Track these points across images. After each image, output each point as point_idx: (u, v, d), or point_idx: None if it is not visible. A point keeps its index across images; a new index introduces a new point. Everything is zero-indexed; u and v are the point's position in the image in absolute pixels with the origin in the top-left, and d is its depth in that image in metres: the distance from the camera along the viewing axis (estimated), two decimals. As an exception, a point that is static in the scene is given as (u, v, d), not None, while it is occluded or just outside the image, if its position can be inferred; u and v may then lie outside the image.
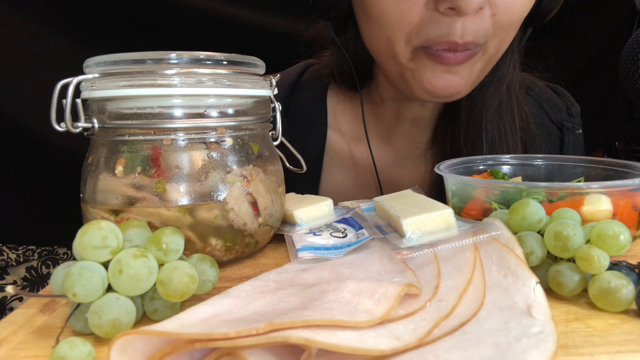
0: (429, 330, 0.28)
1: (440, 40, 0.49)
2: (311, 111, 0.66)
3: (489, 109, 0.60)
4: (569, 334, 0.30)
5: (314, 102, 0.66)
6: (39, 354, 0.30)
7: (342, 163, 0.65)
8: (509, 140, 0.61)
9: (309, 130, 0.65)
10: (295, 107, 0.66)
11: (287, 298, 0.32)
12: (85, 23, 1.01)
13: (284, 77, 0.68)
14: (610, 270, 0.34)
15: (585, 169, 0.55)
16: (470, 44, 0.50)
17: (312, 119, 0.65)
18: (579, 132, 0.67)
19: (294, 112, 0.66)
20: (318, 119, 0.65)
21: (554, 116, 0.67)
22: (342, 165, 0.65)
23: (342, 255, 0.42)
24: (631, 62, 0.56)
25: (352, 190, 0.66)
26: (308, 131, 0.65)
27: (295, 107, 0.66)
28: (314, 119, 0.65)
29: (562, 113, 0.67)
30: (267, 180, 0.46)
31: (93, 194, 0.42)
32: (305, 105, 0.66)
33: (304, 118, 0.65)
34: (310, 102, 0.66)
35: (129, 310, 0.31)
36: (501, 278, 0.34)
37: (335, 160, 0.65)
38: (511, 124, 0.61)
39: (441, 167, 0.53)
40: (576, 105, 0.69)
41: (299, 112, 0.66)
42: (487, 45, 0.52)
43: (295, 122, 0.65)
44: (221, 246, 0.43)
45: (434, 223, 0.41)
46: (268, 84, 0.48)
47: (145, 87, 0.40)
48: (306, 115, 0.65)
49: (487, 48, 0.52)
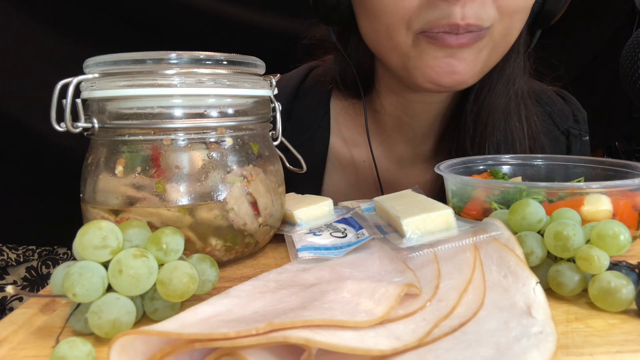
0: (429, 330, 0.28)
1: (441, 22, 0.48)
2: (314, 117, 0.65)
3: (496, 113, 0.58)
4: (569, 334, 0.30)
5: (317, 108, 0.66)
6: (39, 354, 0.30)
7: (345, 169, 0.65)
8: (517, 148, 0.59)
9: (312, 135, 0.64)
10: (299, 111, 0.66)
11: (287, 298, 0.32)
12: (85, 23, 1.00)
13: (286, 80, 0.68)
14: (610, 270, 0.34)
15: (585, 169, 0.55)
16: (473, 26, 0.48)
17: (316, 124, 0.65)
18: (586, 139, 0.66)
19: (297, 117, 0.65)
20: (321, 125, 0.65)
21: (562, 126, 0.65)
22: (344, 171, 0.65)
23: (342, 255, 0.42)
24: (631, 62, 0.56)
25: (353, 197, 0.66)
26: (311, 136, 0.64)
27: (298, 112, 0.66)
28: (317, 125, 0.65)
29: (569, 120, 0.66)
30: (267, 180, 0.46)
31: (93, 194, 0.42)
32: (308, 110, 0.66)
33: (307, 123, 0.65)
34: (314, 108, 0.66)
35: (129, 310, 0.31)
36: (501, 278, 0.34)
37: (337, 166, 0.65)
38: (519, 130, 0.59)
39: (441, 167, 0.53)
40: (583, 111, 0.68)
41: (302, 117, 0.65)
42: (492, 30, 0.50)
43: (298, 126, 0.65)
44: (221, 246, 0.43)
45: (434, 223, 0.41)
46: (268, 84, 0.48)
47: (145, 87, 0.40)
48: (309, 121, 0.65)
49: (492, 33, 0.50)
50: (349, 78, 0.62)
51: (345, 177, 0.65)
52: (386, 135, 0.65)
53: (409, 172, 0.66)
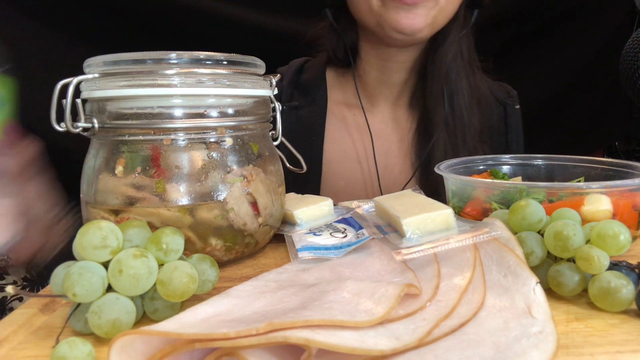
0: (429, 330, 0.28)
1: None
2: (315, 84, 0.86)
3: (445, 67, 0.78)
4: (569, 334, 0.30)
5: (316, 77, 0.87)
6: (39, 354, 0.30)
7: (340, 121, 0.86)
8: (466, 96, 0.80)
9: (314, 97, 0.85)
10: (302, 81, 0.87)
11: (287, 298, 0.32)
12: (85, 23, 1.01)
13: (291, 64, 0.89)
14: (610, 270, 0.34)
15: (585, 169, 0.55)
16: None
17: (316, 89, 0.86)
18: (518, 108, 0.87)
19: (301, 86, 0.87)
20: (320, 89, 0.86)
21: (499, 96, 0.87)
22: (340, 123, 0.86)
23: (342, 255, 0.42)
24: (631, 62, 0.56)
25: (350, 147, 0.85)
26: (314, 98, 0.85)
27: (302, 82, 0.87)
28: (317, 90, 0.86)
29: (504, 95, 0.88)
30: (267, 180, 0.46)
31: (93, 194, 0.42)
32: (309, 80, 0.87)
33: (309, 89, 0.86)
34: (314, 77, 0.87)
35: (129, 310, 0.31)
36: (501, 278, 0.34)
37: (333, 121, 0.85)
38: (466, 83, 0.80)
39: (441, 167, 0.53)
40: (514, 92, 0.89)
41: (305, 85, 0.87)
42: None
43: (303, 91, 0.86)
44: (221, 246, 0.43)
45: (434, 223, 0.41)
46: (268, 84, 0.48)
47: (145, 87, 0.40)
48: (311, 87, 0.86)
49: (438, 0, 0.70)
50: (340, 50, 0.82)
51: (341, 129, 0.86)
52: (369, 93, 0.85)
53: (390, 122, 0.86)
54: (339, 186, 0.84)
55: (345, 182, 0.84)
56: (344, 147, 0.85)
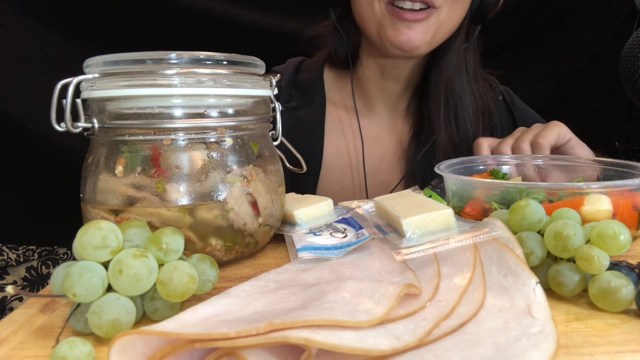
0: (429, 330, 0.28)
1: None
2: (313, 84, 0.85)
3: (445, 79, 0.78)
4: (569, 334, 0.30)
5: (314, 78, 0.86)
6: (39, 354, 0.30)
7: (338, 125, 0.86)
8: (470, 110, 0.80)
9: (312, 97, 0.84)
10: (300, 81, 0.86)
11: (287, 298, 0.32)
12: (85, 23, 1.01)
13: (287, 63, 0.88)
14: (610, 270, 0.34)
15: (585, 169, 0.55)
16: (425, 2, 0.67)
17: (314, 90, 0.85)
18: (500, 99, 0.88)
19: (299, 86, 0.85)
20: (318, 90, 0.85)
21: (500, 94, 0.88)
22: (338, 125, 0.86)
23: (342, 255, 0.42)
24: (631, 62, 0.56)
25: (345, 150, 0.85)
26: (312, 98, 0.84)
27: (300, 82, 0.86)
28: (315, 90, 0.85)
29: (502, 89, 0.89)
30: (267, 180, 0.46)
31: (93, 194, 0.42)
32: (307, 80, 0.86)
33: (307, 89, 0.85)
34: (311, 78, 0.86)
35: (129, 310, 0.31)
36: (501, 278, 0.34)
37: (331, 123, 0.85)
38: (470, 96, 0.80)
39: (441, 167, 0.53)
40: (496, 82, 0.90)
41: (303, 85, 0.85)
42: (440, 11, 0.69)
43: (301, 92, 0.85)
44: (221, 246, 0.43)
45: (434, 223, 0.41)
46: (268, 84, 0.48)
47: (145, 87, 0.40)
48: (309, 87, 0.85)
49: (440, 13, 0.69)
50: (341, 52, 0.81)
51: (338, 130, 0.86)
52: (367, 98, 0.85)
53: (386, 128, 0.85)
54: (334, 191, 0.83)
55: (340, 187, 0.84)
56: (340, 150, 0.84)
